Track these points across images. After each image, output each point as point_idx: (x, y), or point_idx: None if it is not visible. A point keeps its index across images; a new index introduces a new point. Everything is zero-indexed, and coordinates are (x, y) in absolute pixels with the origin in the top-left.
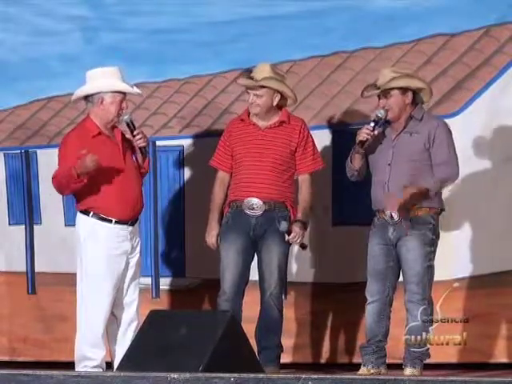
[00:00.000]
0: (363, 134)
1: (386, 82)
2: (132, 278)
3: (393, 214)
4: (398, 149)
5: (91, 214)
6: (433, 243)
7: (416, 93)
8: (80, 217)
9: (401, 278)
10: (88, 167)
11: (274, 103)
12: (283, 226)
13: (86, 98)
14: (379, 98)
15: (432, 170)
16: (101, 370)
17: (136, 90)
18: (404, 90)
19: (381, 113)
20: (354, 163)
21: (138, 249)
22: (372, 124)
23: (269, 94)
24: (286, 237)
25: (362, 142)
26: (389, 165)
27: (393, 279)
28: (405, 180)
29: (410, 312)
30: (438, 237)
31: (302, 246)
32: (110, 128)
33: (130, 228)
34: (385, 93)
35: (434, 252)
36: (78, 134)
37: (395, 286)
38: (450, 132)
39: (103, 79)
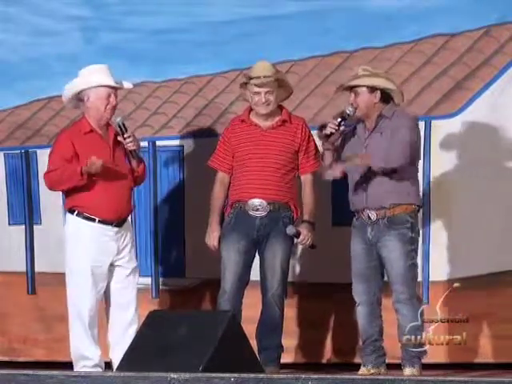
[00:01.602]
0: (328, 127)
1: (353, 79)
2: (124, 279)
3: (370, 214)
4: (371, 148)
5: (76, 212)
6: (413, 241)
7: (387, 93)
8: (67, 215)
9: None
10: (94, 170)
11: (279, 98)
12: (290, 229)
13: (80, 99)
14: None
15: (408, 170)
16: (100, 370)
17: (126, 84)
18: (372, 89)
19: (349, 110)
20: (325, 160)
21: (127, 250)
22: (338, 119)
23: (277, 89)
24: (295, 240)
25: (327, 136)
26: None
27: (378, 278)
28: (379, 181)
29: (400, 312)
30: (418, 234)
31: (312, 247)
32: (105, 127)
33: (116, 229)
34: (354, 91)
35: (416, 250)
36: (71, 131)
37: (381, 285)
38: (414, 124)
39: (87, 77)
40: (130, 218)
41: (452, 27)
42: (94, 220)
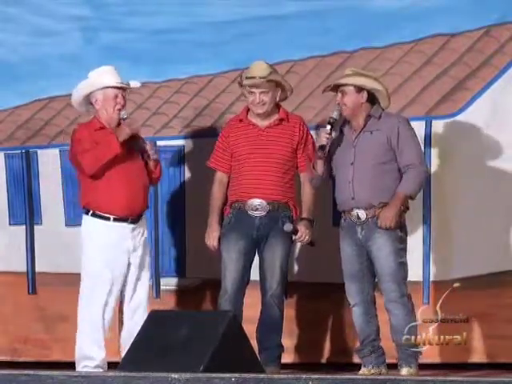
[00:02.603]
0: (322, 138)
1: (341, 78)
2: (137, 278)
3: (359, 213)
4: (360, 148)
5: (91, 212)
6: (402, 240)
7: (374, 94)
8: (83, 215)
9: None
10: (126, 132)
11: (277, 98)
12: (287, 226)
13: (90, 103)
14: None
15: (396, 171)
16: (101, 371)
17: (133, 84)
18: (359, 89)
19: (334, 114)
20: (317, 169)
21: (142, 248)
22: (328, 127)
23: (273, 89)
24: (293, 237)
25: (323, 147)
26: (351, 164)
27: (370, 278)
28: (368, 179)
29: (391, 312)
30: (406, 234)
31: (311, 244)
32: (116, 127)
33: (132, 225)
34: (342, 90)
35: (405, 249)
36: (84, 126)
37: (374, 285)
38: (412, 128)
39: (90, 80)
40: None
41: (452, 27)
42: (108, 218)
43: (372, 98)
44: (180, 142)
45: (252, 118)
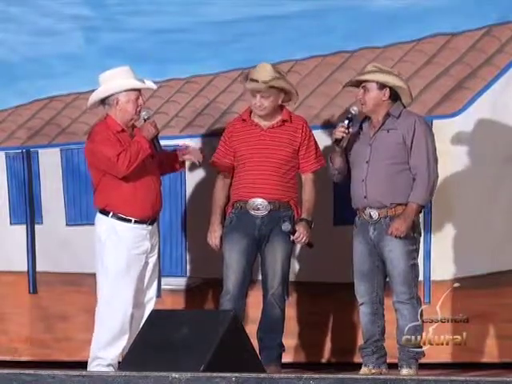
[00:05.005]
0: (338, 131)
1: (363, 74)
2: (150, 278)
3: (371, 213)
4: (376, 146)
5: (111, 213)
6: (415, 241)
7: (396, 91)
8: (100, 216)
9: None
10: (152, 133)
11: (279, 102)
12: (286, 226)
13: (102, 102)
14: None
15: (408, 171)
16: (112, 369)
17: (149, 84)
18: (381, 86)
19: (354, 109)
20: (334, 162)
21: (157, 248)
22: (346, 121)
23: (275, 94)
24: (291, 237)
25: (338, 140)
26: (367, 162)
27: (380, 278)
28: (381, 179)
29: (400, 312)
30: (419, 234)
31: (309, 245)
32: (131, 127)
33: (150, 227)
34: (364, 87)
35: (417, 250)
36: (104, 126)
37: (384, 285)
38: (428, 129)
39: (114, 80)
40: None
41: (453, 27)
42: (130, 221)
43: (394, 95)
44: (180, 142)
45: (255, 118)
